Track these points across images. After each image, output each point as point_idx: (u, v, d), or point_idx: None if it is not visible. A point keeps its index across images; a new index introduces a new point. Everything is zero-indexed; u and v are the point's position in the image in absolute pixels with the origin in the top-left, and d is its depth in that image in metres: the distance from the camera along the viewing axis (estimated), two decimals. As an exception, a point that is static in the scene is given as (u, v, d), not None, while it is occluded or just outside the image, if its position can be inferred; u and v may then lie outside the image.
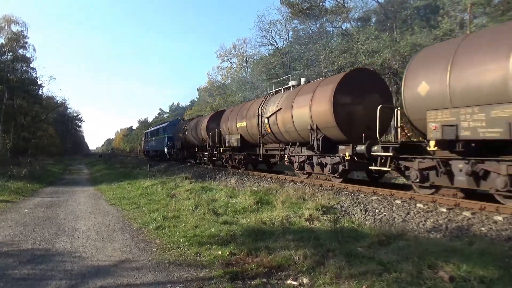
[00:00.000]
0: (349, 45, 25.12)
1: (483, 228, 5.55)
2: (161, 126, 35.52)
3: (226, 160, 18.64)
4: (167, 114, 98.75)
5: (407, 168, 8.11)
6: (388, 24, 26.87)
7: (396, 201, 7.58)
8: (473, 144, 6.63)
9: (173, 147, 28.36)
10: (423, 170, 7.60)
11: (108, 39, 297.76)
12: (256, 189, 10.30)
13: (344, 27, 30.17)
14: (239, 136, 16.32)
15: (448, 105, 6.76)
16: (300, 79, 13.42)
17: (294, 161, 12.52)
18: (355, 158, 9.60)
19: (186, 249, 5.15)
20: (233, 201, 8.71)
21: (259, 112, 14.22)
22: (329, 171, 10.62)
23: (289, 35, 37.27)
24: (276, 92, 14.47)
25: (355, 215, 7.19)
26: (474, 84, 6.30)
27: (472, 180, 6.69)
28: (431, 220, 6.20)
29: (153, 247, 5.38)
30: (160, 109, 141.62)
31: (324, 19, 30.25)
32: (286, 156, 12.92)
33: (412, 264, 3.62)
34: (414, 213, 6.67)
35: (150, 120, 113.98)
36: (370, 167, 9.31)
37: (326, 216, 6.76)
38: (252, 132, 15.11)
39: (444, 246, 4.30)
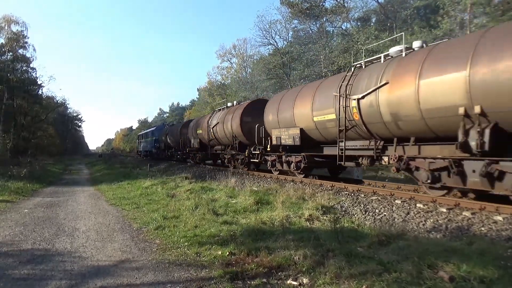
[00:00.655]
0: (349, 45, 25.12)
1: (483, 228, 5.55)
2: (149, 130, 41.45)
3: (192, 158, 24.51)
4: (167, 114, 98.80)
5: (268, 160, 14.25)
6: (388, 24, 26.85)
7: (396, 201, 7.59)
8: (287, 147, 12.62)
9: (159, 148, 33.73)
10: (273, 161, 13.91)
11: (108, 39, 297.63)
12: (256, 189, 10.30)
13: (344, 27, 30.19)
14: (198, 140, 21.97)
15: (277, 127, 12.89)
16: (234, 102, 19.07)
17: (225, 158, 18.76)
18: (250, 155, 15.54)
19: (186, 249, 5.15)
20: (233, 201, 8.71)
21: (208, 123, 19.75)
22: (240, 163, 16.91)
23: (289, 35, 37.17)
24: (219, 110, 19.85)
25: (355, 215, 7.20)
26: (285, 117, 12.43)
27: (287, 165, 12.97)
28: (431, 220, 6.20)
29: (153, 247, 5.38)
30: (160, 109, 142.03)
31: (324, 19, 30.22)
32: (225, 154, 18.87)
33: (412, 264, 3.62)
34: (414, 213, 6.67)
35: (150, 120, 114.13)
36: (251, 160, 15.58)
37: (326, 216, 6.76)
38: (205, 137, 20.48)
39: (444, 246, 4.29)
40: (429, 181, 7.29)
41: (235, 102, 18.66)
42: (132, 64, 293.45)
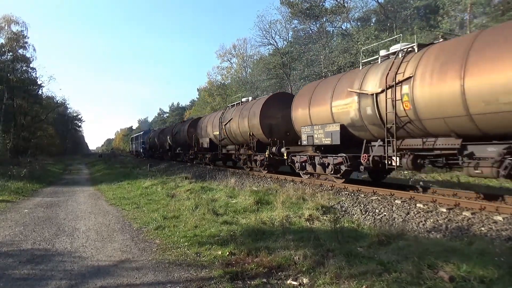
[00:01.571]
0: (349, 45, 25.13)
1: (483, 228, 5.56)
2: (139, 134, 52.12)
3: (164, 156, 32.04)
4: (167, 114, 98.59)
5: (198, 156, 22.52)
6: (388, 24, 26.84)
7: (396, 201, 7.58)
8: (206, 148, 20.54)
9: (145, 148, 42.53)
10: (200, 157, 22.26)
11: (108, 39, 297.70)
12: (256, 189, 10.30)
13: (344, 27, 30.20)
14: (168, 143, 29.84)
15: (202, 137, 21.48)
16: (192, 116, 27.97)
17: (180, 156, 26.68)
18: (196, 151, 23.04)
19: (186, 249, 5.16)
20: (233, 201, 8.71)
21: (172, 132, 28.68)
22: (187, 159, 24.37)
23: (289, 35, 37.13)
24: (180, 122, 29.07)
25: (355, 215, 7.19)
26: (205, 131, 21.00)
27: (205, 159, 21.35)
28: (431, 220, 6.20)
29: (153, 247, 5.38)
30: (160, 109, 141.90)
31: (324, 19, 30.23)
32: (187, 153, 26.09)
33: (412, 264, 3.61)
34: (414, 213, 6.67)
35: (150, 120, 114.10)
36: (190, 156, 23.84)
37: (326, 216, 6.76)
38: (171, 142, 28.94)
39: (444, 246, 4.29)
40: (238, 162, 17.79)
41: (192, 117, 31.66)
42: (132, 64, 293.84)
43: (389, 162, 8.30)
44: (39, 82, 39.71)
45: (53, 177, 20.06)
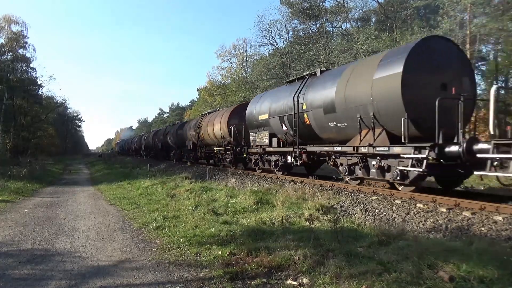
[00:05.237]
0: (349, 45, 25.11)
1: (483, 228, 5.55)
2: (120, 141, 78.04)
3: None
4: (167, 114, 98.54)
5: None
6: (388, 24, 26.81)
7: (396, 201, 7.58)
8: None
9: (122, 149, 64.90)
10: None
11: (109, 39, 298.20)
12: (256, 189, 10.29)
13: (344, 27, 30.17)
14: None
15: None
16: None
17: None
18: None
19: (186, 249, 5.16)
20: (233, 201, 8.71)
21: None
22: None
23: (289, 35, 37.07)
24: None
25: (355, 215, 7.19)
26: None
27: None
28: (431, 220, 6.20)
29: (153, 247, 5.38)
30: (160, 109, 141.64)
31: (324, 19, 30.22)
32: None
33: (412, 264, 3.61)
34: (414, 213, 6.66)
35: (150, 120, 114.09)
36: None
37: (326, 216, 6.76)
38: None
39: (444, 246, 4.29)
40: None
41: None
42: (132, 64, 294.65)
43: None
44: (39, 82, 39.74)
45: (53, 177, 20.06)
